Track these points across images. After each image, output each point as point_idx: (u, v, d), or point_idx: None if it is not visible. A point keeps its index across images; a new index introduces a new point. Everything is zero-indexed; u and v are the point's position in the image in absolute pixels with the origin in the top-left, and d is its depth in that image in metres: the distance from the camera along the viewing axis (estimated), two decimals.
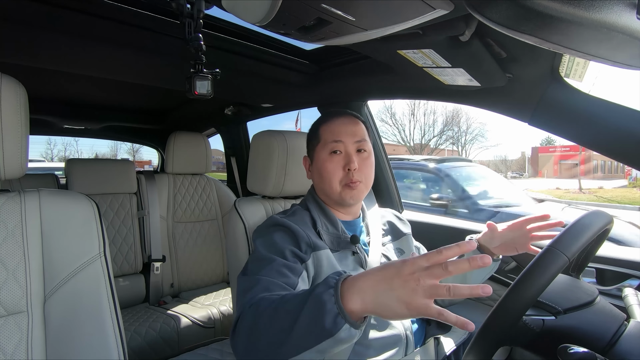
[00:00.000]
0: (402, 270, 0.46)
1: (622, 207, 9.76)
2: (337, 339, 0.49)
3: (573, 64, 0.84)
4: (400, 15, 0.61)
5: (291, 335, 0.52)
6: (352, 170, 0.84)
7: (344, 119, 0.90)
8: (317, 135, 0.90)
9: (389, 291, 0.46)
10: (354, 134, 0.87)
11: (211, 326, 1.54)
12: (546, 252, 0.57)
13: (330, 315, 0.49)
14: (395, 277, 0.46)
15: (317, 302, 0.50)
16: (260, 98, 1.71)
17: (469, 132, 33.69)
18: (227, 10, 0.65)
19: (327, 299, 0.49)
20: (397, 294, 0.46)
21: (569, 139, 0.90)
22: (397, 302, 0.46)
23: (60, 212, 0.68)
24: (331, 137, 0.86)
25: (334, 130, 0.87)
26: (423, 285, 0.44)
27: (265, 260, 0.72)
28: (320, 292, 0.51)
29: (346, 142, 0.86)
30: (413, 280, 0.45)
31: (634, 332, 0.57)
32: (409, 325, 0.82)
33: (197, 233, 1.93)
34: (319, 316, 0.49)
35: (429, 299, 0.44)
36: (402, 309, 0.46)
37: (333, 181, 0.85)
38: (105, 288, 0.68)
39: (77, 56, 1.05)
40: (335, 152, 0.86)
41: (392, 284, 0.46)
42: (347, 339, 0.50)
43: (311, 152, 0.92)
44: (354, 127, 0.88)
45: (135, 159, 26.47)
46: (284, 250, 0.74)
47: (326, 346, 0.50)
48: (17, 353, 0.61)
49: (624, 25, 0.44)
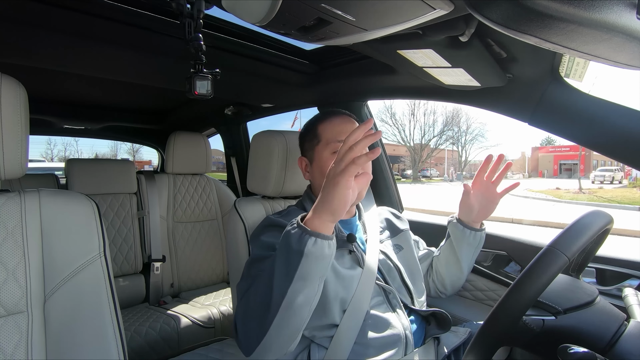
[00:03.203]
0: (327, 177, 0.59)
1: (622, 207, 9.76)
2: (309, 253, 0.56)
3: (573, 64, 0.84)
4: (400, 15, 0.61)
5: (274, 280, 0.58)
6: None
7: (343, 118, 0.90)
8: (315, 135, 0.90)
9: (328, 194, 0.58)
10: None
11: (211, 326, 1.54)
12: (546, 252, 0.57)
13: (295, 236, 0.57)
14: (326, 185, 0.58)
15: (283, 239, 0.59)
16: (260, 98, 1.71)
17: (469, 132, 33.72)
18: (227, 10, 0.65)
19: (289, 230, 0.58)
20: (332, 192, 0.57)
21: (569, 139, 0.90)
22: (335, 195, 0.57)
23: (60, 212, 0.68)
24: (333, 136, 0.87)
25: (335, 130, 0.88)
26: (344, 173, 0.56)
27: (259, 260, 0.74)
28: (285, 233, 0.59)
29: None
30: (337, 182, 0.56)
31: (634, 332, 0.57)
32: (409, 325, 0.82)
33: (197, 233, 1.93)
34: (287, 246, 0.57)
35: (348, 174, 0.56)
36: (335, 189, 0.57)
37: None
38: (105, 288, 0.68)
39: (77, 56, 1.05)
40: (336, 152, 0.86)
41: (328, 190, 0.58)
42: (317, 252, 0.57)
43: (309, 152, 0.92)
44: (352, 126, 0.89)
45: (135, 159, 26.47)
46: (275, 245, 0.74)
47: (304, 268, 0.57)
48: (16, 353, 0.61)
49: (624, 25, 0.44)
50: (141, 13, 0.92)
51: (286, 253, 0.57)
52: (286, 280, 0.57)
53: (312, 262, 0.57)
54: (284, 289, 0.57)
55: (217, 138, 2.45)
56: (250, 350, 0.64)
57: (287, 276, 0.57)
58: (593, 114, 0.84)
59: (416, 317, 0.87)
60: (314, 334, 0.78)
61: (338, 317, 0.76)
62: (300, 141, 0.98)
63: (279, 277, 0.58)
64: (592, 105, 0.84)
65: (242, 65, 1.22)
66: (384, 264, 0.88)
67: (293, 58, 1.29)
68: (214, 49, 1.09)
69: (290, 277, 0.57)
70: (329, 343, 0.76)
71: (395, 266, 0.89)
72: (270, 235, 0.79)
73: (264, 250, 0.76)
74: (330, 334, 0.76)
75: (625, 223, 6.36)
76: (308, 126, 0.94)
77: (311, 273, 0.58)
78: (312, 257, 0.56)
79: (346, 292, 0.78)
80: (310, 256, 0.56)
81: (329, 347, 0.76)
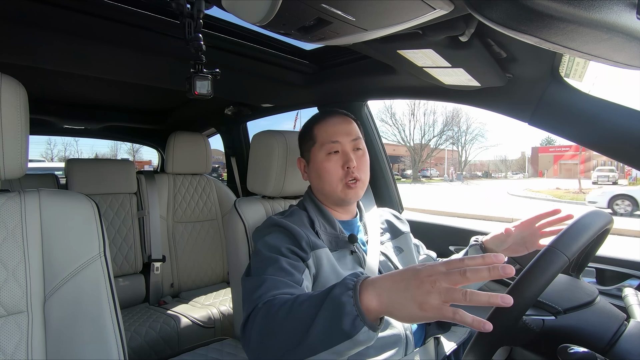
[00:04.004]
0: (419, 272, 0.47)
1: None
2: (356, 341, 0.49)
3: (573, 64, 0.84)
4: (400, 15, 0.61)
5: (307, 336, 0.52)
6: (351, 168, 0.84)
7: (338, 118, 0.90)
8: (311, 136, 0.90)
9: (405, 291, 0.47)
10: (349, 133, 0.87)
11: (211, 326, 1.54)
12: (546, 252, 0.57)
13: (349, 317, 0.49)
14: (413, 278, 0.47)
15: (335, 303, 0.50)
16: (260, 98, 1.71)
17: (468, 132, 33.75)
18: (227, 10, 0.65)
19: (346, 301, 0.49)
20: (412, 294, 0.46)
21: (569, 139, 0.90)
22: (411, 302, 0.46)
23: (60, 212, 0.68)
24: (328, 137, 0.87)
25: (329, 131, 0.87)
26: (439, 288, 0.44)
27: (268, 260, 0.72)
28: (338, 294, 0.51)
29: (343, 141, 0.86)
30: (429, 282, 0.45)
31: (634, 332, 0.57)
32: (409, 325, 0.81)
33: (197, 233, 1.93)
34: (337, 318, 0.49)
35: (444, 302, 0.44)
36: (415, 309, 0.46)
37: (333, 181, 0.85)
38: (105, 288, 0.68)
39: (77, 56, 1.05)
40: (333, 152, 0.86)
41: (409, 285, 0.47)
42: (365, 341, 0.50)
43: (306, 153, 0.92)
44: (348, 126, 0.89)
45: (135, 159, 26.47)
46: (285, 249, 0.74)
47: (343, 348, 0.50)
48: (17, 353, 0.61)
49: (624, 25, 0.44)
50: (141, 13, 0.92)
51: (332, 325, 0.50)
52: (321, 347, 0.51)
53: (356, 347, 0.51)
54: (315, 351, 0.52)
55: (217, 138, 2.46)
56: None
57: (324, 345, 0.51)
58: (593, 114, 0.84)
59: None
60: None
61: None
62: (299, 142, 0.98)
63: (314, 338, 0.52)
64: (592, 105, 0.84)
65: (242, 65, 1.22)
66: (385, 266, 0.87)
67: (293, 58, 1.29)
68: (214, 49, 1.09)
69: (325, 346, 0.51)
70: None
71: (396, 268, 0.89)
72: (274, 236, 0.78)
73: (270, 251, 0.74)
74: None
75: (625, 223, 6.36)
76: (305, 127, 0.94)
77: (349, 352, 0.52)
78: (357, 344, 0.50)
79: None
80: (356, 342, 0.50)
81: None
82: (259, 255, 0.76)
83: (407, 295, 0.46)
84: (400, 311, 0.48)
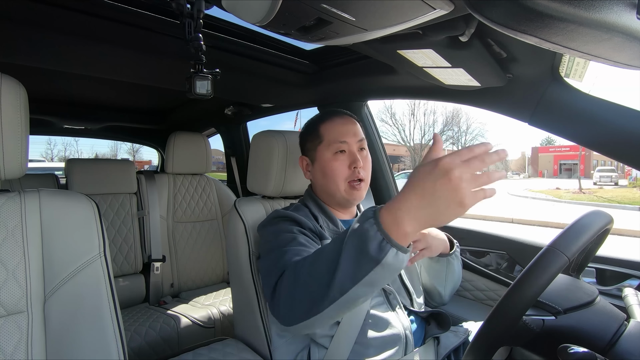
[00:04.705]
0: (438, 176, 0.46)
1: (622, 207, 9.76)
2: (385, 265, 0.49)
3: (573, 64, 0.84)
4: (400, 15, 0.61)
5: (337, 273, 0.51)
6: (358, 168, 0.85)
7: (345, 119, 0.91)
8: (318, 134, 0.90)
9: (436, 200, 0.46)
10: (355, 133, 0.89)
11: (211, 326, 1.54)
12: (546, 252, 0.57)
13: (375, 241, 0.48)
14: (437, 185, 0.46)
15: (358, 233, 0.50)
16: (260, 98, 1.71)
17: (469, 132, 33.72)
18: (227, 10, 0.65)
19: (368, 227, 0.49)
20: (447, 197, 0.45)
21: (569, 139, 0.90)
22: (449, 205, 0.46)
23: (60, 212, 0.68)
24: (336, 137, 0.88)
25: (337, 131, 0.88)
26: (467, 179, 0.45)
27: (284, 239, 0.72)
28: (360, 223, 0.51)
29: (350, 142, 0.88)
30: (455, 178, 0.45)
31: (634, 332, 0.57)
32: (409, 324, 0.82)
33: (197, 233, 1.93)
34: (363, 246, 0.49)
35: (473, 189, 0.45)
36: (456, 208, 0.46)
37: (339, 180, 0.86)
38: (105, 288, 0.68)
39: (77, 56, 1.05)
40: (340, 152, 0.87)
41: (436, 192, 0.46)
42: (396, 265, 0.49)
43: (311, 152, 0.92)
44: (354, 127, 0.90)
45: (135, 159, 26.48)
46: (293, 231, 0.76)
47: (375, 276, 0.50)
48: (16, 353, 0.61)
49: (624, 25, 0.44)
50: (141, 13, 0.92)
51: (359, 254, 0.50)
52: (351, 282, 0.51)
53: (387, 273, 0.51)
54: (346, 288, 0.52)
55: (217, 138, 2.46)
56: (290, 322, 0.61)
57: (354, 278, 0.51)
58: (593, 114, 0.84)
59: (416, 317, 0.87)
60: (314, 334, 0.78)
61: None
62: (301, 140, 0.98)
63: (343, 274, 0.51)
64: (592, 105, 0.84)
65: (242, 65, 1.22)
66: None
67: (293, 58, 1.29)
68: (214, 49, 1.09)
69: (356, 280, 0.51)
70: (329, 343, 0.76)
71: None
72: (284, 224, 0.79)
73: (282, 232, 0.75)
74: (330, 334, 0.76)
75: (626, 223, 6.36)
76: (309, 125, 0.95)
77: (381, 281, 0.52)
78: (388, 269, 0.50)
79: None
80: (386, 267, 0.49)
81: (329, 347, 0.76)
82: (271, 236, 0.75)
83: (442, 201, 0.46)
84: (440, 219, 0.47)
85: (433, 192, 0.46)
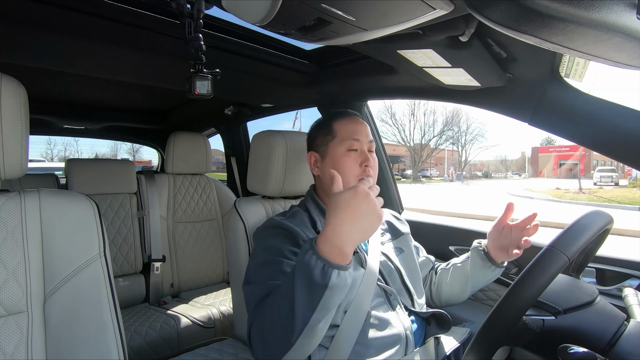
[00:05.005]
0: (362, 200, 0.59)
1: (622, 207, 9.76)
2: (333, 286, 0.56)
3: (573, 64, 0.84)
4: (400, 15, 0.62)
5: (296, 306, 0.57)
6: (369, 166, 0.87)
7: (357, 119, 0.93)
8: (331, 130, 0.91)
9: (365, 218, 0.59)
10: (367, 134, 0.91)
11: (211, 326, 1.54)
12: (546, 252, 0.57)
13: (317, 269, 0.55)
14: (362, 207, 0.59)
15: (303, 266, 0.57)
16: (260, 98, 1.71)
17: (468, 132, 33.77)
18: (227, 10, 0.65)
19: (309, 258, 0.56)
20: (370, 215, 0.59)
21: (569, 139, 0.90)
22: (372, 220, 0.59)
23: (60, 212, 0.68)
24: (350, 134, 0.89)
25: (351, 129, 0.90)
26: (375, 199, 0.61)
27: (266, 264, 0.74)
28: (301, 258, 0.58)
29: (362, 141, 0.89)
30: (371, 199, 0.60)
31: (634, 332, 0.57)
32: (409, 324, 0.82)
33: (197, 233, 1.93)
34: (309, 276, 0.56)
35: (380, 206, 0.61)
36: (377, 222, 0.60)
37: (350, 176, 0.86)
38: (105, 288, 0.68)
39: (77, 56, 1.05)
40: (352, 150, 0.88)
41: (363, 213, 0.59)
42: (341, 284, 0.57)
43: (322, 147, 0.92)
44: (365, 128, 0.92)
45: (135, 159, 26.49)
46: (283, 250, 0.75)
47: (328, 299, 0.56)
48: (17, 353, 0.61)
49: (624, 25, 0.44)
50: (141, 13, 0.92)
51: (308, 283, 0.56)
52: (309, 310, 0.57)
53: (336, 294, 0.57)
54: (307, 317, 0.57)
55: (217, 138, 2.46)
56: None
57: (310, 306, 0.57)
58: (593, 114, 0.84)
59: (416, 317, 0.87)
60: None
61: (339, 317, 0.76)
62: (311, 136, 0.97)
63: (301, 305, 0.57)
64: (592, 105, 0.84)
65: (242, 65, 1.22)
66: (385, 266, 0.88)
67: (293, 58, 1.29)
68: (214, 49, 1.09)
69: (313, 307, 0.57)
70: (329, 343, 0.76)
71: (396, 268, 0.89)
72: (275, 238, 0.79)
73: (270, 254, 0.76)
74: (331, 334, 0.76)
75: (626, 223, 6.35)
76: (322, 122, 0.95)
77: (334, 303, 0.58)
78: (336, 289, 0.56)
79: (348, 293, 0.78)
80: (334, 288, 0.56)
81: (329, 347, 0.76)
82: (257, 259, 0.78)
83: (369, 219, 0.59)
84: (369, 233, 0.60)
85: (360, 212, 0.58)
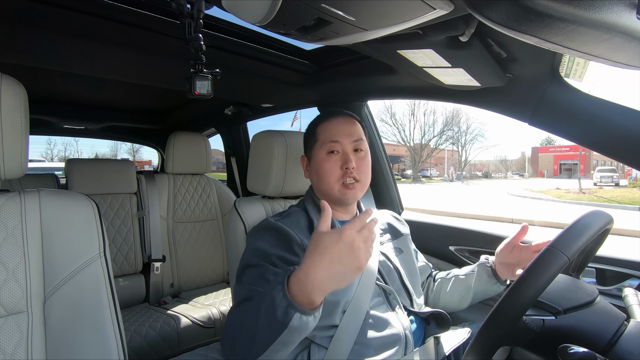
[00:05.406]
0: (344, 247, 0.54)
1: (622, 207, 9.76)
2: (292, 328, 0.54)
3: (573, 64, 0.84)
4: (400, 15, 0.61)
5: (256, 334, 0.58)
6: (349, 169, 0.85)
7: (341, 119, 0.91)
8: (314, 134, 0.91)
9: (343, 267, 0.54)
10: (350, 133, 0.88)
11: (211, 326, 1.54)
12: (546, 252, 0.57)
13: (281, 307, 0.54)
14: (343, 255, 0.54)
15: (269, 299, 0.56)
16: (260, 98, 1.71)
17: (468, 132, 33.78)
18: (227, 10, 0.65)
19: (276, 294, 0.55)
20: (350, 266, 0.54)
21: (569, 139, 0.90)
22: (351, 270, 0.55)
23: (60, 212, 0.68)
24: (328, 137, 0.87)
25: (331, 130, 0.88)
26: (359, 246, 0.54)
27: (251, 267, 0.76)
28: (271, 289, 0.57)
29: (343, 142, 0.87)
30: (355, 249, 0.54)
31: (634, 332, 0.57)
32: (408, 324, 0.82)
33: (197, 233, 1.93)
34: (272, 311, 0.55)
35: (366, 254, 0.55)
36: (355, 272, 0.55)
37: (331, 180, 0.86)
38: (105, 288, 0.68)
39: (77, 56, 1.05)
40: (333, 152, 0.87)
41: (343, 261, 0.54)
42: (301, 327, 0.55)
43: (309, 151, 0.93)
44: (350, 127, 0.89)
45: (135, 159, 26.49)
46: (270, 256, 0.76)
47: (286, 337, 0.56)
48: (17, 353, 0.61)
49: (624, 25, 0.44)
50: (141, 13, 0.92)
51: (270, 318, 0.55)
52: (267, 341, 0.57)
53: (295, 335, 0.56)
54: (265, 346, 0.57)
55: (217, 138, 2.46)
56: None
57: (269, 338, 0.57)
58: (593, 114, 0.84)
59: (415, 317, 0.87)
60: (314, 334, 0.78)
61: (338, 317, 0.76)
62: (303, 140, 0.98)
63: (262, 334, 0.57)
64: (592, 105, 0.84)
65: (242, 65, 1.22)
66: (384, 266, 0.88)
67: (293, 58, 1.29)
68: (214, 49, 1.09)
69: (271, 340, 0.57)
70: (328, 343, 0.76)
71: (395, 268, 0.89)
72: (265, 241, 0.80)
73: (257, 257, 0.77)
74: (330, 334, 0.76)
75: (626, 223, 6.36)
76: (310, 125, 0.95)
77: (294, 341, 0.58)
78: (295, 331, 0.55)
79: (346, 293, 0.78)
80: (293, 329, 0.55)
81: (329, 347, 0.76)
82: (245, 259, 0.79)
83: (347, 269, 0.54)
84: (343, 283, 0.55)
85: (339, 261, 0.54)
